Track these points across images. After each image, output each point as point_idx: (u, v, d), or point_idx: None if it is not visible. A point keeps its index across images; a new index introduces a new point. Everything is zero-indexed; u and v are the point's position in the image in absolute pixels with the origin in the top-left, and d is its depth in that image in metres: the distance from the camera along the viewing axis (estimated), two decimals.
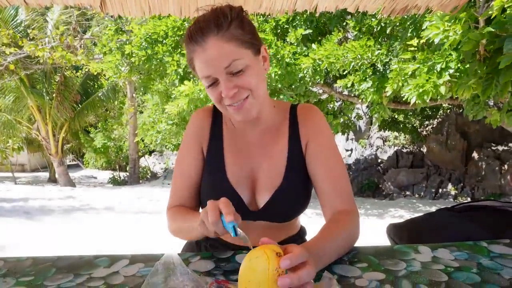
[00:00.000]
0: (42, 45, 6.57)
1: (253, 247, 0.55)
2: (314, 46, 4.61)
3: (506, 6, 2.35)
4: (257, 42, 0.80)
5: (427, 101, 3.49)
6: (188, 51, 0.79)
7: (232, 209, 0.64)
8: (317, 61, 4.46)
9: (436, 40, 2.99)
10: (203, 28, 0.75)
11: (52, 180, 13.20)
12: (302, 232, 1.02)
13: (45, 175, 15.07)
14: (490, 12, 2.42)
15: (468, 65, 3.08)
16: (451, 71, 3.36)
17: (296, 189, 0.88)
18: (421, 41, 3.70)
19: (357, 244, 0.79)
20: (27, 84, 10.22)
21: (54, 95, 10.62)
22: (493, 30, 2.41)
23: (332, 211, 0.82)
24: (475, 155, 8.45)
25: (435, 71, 3.43)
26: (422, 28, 3.30)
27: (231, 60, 0.74)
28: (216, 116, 0.96)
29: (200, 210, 0.97)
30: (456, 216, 1.10)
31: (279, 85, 4.90)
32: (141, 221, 5.76)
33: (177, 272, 0.57)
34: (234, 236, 0.61)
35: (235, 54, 0.74)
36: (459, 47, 3.07)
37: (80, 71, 11.02)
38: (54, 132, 11.24)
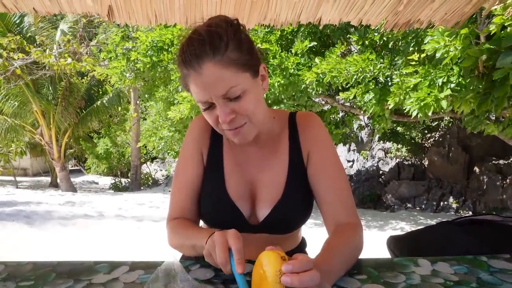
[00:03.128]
0: (49, 51, 6.66)
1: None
2: (317, 60, 4.64)
3: (506, 24, 2.37)
4: (255, 62, 0.76)
5: (429, 114, 3.51)
6: (182, 74, 0.76)
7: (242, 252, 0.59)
8: (320, 75, 4.49)
9: (437, 55, 3.02)
10: (198, 52, 0.70)
11: (54, 185, 13.22)
12: (302, 244, 1.00)
13: (47, 179, 15.10)
14: (490, 29, 2.44)
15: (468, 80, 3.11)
16: (452, 85, 3.38)
17: (297, 201, 0.85)
18: (422, 56, 3.73)
19: None
20: (32, 89, 10.32)
21: (59, 100, 10.71)
22: (491, 46, 2.43)
23: (335, 224, 0.80)
24: (476, 168, 8.41)
25: (436, 85, 3.45)
26: (424, 42, 3.34)
27: (228, 87, 0.71)
28: None
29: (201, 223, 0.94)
30: (457, 229, 1.10)
31: (282, 95, 4.93)
32: (141, 228, 5.74)
33: (178, 279, 0.57)
34: None
35: (233, 81, 0.71)
36: (459, 62, 3.11)
37: (85, 77, 11.13)
38: (58, 137, 11.30)
